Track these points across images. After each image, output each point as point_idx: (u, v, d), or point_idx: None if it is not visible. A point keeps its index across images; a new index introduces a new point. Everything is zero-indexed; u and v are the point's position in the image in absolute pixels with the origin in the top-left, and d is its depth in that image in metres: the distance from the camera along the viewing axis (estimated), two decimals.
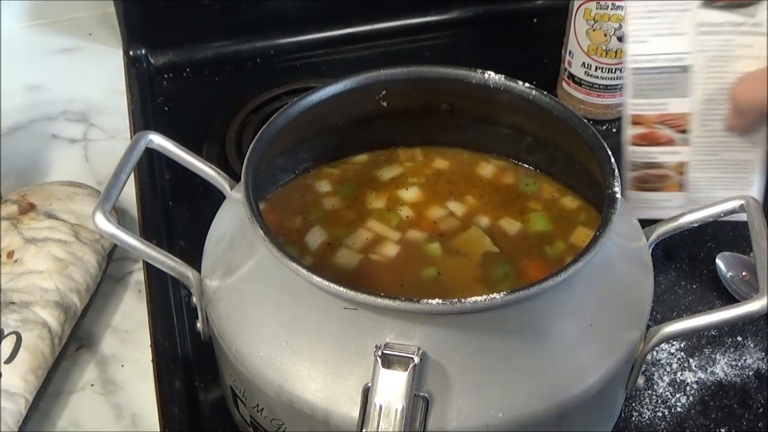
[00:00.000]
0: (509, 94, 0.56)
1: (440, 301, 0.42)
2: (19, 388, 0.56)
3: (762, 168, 0.56)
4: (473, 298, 0.43)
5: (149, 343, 0.62)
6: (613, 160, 0.51)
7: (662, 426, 0.59)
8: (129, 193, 0.72)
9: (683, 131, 0.58)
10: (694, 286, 0.68)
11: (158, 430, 0.57)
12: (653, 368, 0.62)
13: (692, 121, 0.57)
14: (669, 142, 0.58)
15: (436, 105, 0.60)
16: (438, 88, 0.58)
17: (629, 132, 0.58)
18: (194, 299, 0.52)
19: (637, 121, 0.58)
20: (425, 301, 0.42)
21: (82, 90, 0.86)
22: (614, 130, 0.82)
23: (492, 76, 0.56)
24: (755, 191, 0.57)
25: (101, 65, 0.89)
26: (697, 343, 0.64)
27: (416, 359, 0.42)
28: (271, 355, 0.46)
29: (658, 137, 0.58)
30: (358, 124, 0.60)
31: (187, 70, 0.89)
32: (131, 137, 0.66)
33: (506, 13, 0.95)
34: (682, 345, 0.63)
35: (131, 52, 0.89)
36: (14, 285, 0.61)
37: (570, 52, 0.80)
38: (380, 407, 0.42)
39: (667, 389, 0.61)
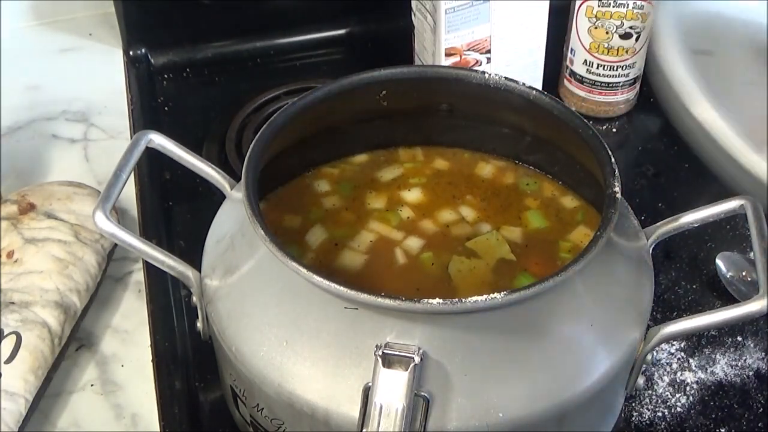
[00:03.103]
0: (509, 94, 0.56)
1: (440, 300, 0.42)
2: (19, 388, 0.56)
3: None
4: (473, 298, 0.43)
5: (149, 343, 0.62)
6: (613, 160, 0.50)
7: (662, 426, 0.59)
8: (129, 193, 0.72)
9: (487, 51, 0.75)
10: (694, 286, 0.68)
11: (158, 430, 0.57)
12: (653, 368, 0.62)
13: (493, 41, 0.75)
14: (476, 63, 0.76)
15: (436, 105, 0.60)
16: (438, 88, 0.58)
17: (446, 63, 0.75)
18: (194, 299, 0.52)
19: (450, 53, 0.74)
20: (425, 300, 0.42)
21: (82, 90, 0.86)
22: (614, 129, 0.82)
23: (492, 76, 0.56)
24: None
25: (101, 65, 0.89)
26: (697, 343, 0.64)
27: (417, 359, 0.42)
28: (272, 355, 0.46)
29: (468, 62, 0.75)
30: (358, 124, 0.60)
31: (187, 70, 0.89)
32: (131, 137, 0.66)
33: None
34: (682, 345, 0.63)
35: (131, 52, 0.89)
36: (14, 285, 0.61)
37: (572, 49, 0.80)
38: (381, 407, 0.42)
39: (667, 389, 0.61)
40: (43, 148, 0.80)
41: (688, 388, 0.61)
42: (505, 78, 0.56)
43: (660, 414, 0.59)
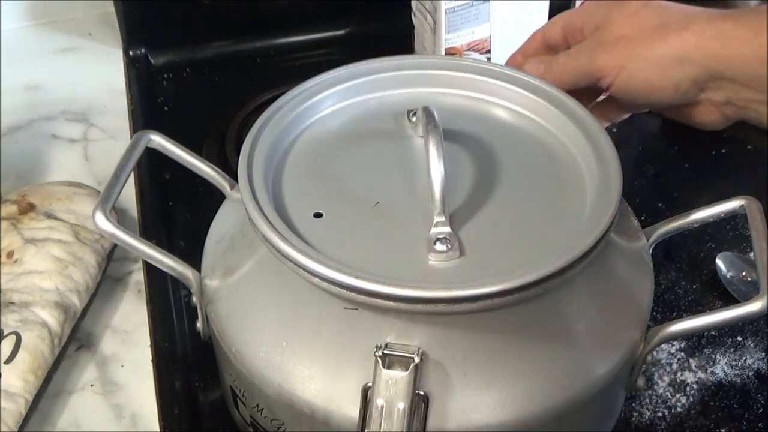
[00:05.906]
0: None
1: (440, 300, 0.42)
2: (19, 388, 0.56)
3: None
4: (474, 296, 0.42)
5: (149, 343, 0.62)
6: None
7: (662, 426, 0.59)
8: (129, 193, 0.72)
9: (487, 51, 0.76)
10: (694, 286, 0.68)
11: (158, 430, 0.57)
12: (653, 368, 0.62)
13: (493, 41, 0.76)
14: None
15: None
16: None
17: None
18: (194, 299, 0.52)
19: (450, 53, 0.75)
20: (426, 301, 0.42)
21: (82, 90, 0.86)
22: (614, 129, 0.82)
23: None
24: None
25: (101, 65, 0.90)
26: (697, 343, 0.64)
27: (417, 359, 0.42)
28: (271, 355, 0.46)
29: None
30: None
31: (187, 70, 0.89)
32: (131, 137, 0.66)
33: None
34: (682, 345, 0.63)
35: (131, 52, 0.89)
36: (14, 285, 0.61)
37: None
38: (381, 407, 0.42)
39: (667, 389, 0.61)
40: (43, 148, 0.80)
41: (688, 389, 0.61)
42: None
43: (660, 414, 0.59)
